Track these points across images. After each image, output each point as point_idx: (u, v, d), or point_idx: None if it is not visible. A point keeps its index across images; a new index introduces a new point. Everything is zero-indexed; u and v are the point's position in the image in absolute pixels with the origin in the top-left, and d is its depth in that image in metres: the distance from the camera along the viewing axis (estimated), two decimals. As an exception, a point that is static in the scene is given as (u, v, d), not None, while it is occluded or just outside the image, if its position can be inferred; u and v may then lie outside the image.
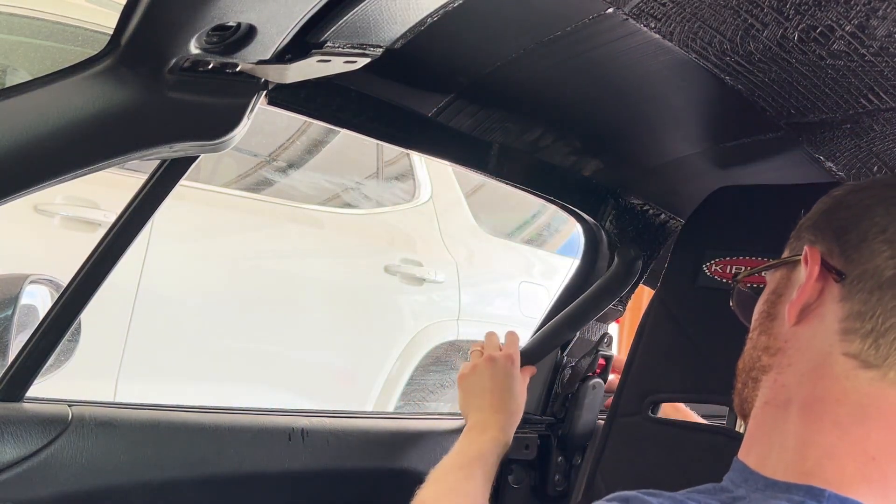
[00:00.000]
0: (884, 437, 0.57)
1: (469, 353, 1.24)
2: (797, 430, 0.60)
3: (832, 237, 0.63)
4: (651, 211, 1.35)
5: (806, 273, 0.62)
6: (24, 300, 1.04)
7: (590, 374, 1.36)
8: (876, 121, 0.95)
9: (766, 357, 0.65)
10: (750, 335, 0.70)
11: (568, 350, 1.40)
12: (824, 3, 0.72)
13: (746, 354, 0.69)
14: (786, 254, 0.70)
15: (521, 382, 1.17)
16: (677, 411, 1.23)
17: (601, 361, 1.37)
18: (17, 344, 1.00)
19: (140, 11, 0.64)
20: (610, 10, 0.78)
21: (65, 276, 1.00)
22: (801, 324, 0.62)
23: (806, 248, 0.64)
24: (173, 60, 0.69)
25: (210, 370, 2.43)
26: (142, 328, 2.27)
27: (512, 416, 1.11)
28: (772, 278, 0.70)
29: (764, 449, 0.62)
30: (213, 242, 2.48)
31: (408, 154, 2.91)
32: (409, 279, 2.85)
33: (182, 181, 0.96)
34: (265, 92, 0.80)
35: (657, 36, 0.81)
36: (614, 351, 1.44)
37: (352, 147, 2.93)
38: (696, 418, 1.23)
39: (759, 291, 0.72)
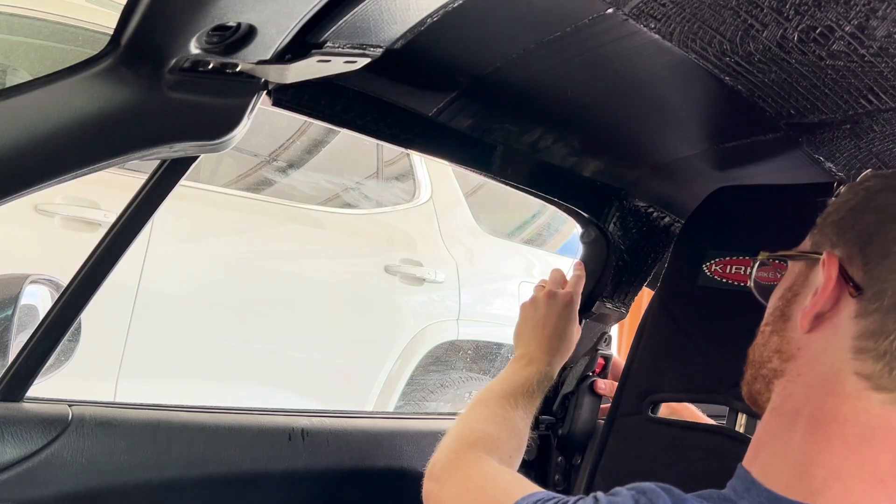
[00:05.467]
0: (893, 461, 0.55)
1: (535, 286, 1.23)
2: (803, 445, 0.58)
3: (854, 243, 0.60)
4: (655, 213, 1.35)
5: (823, 279, 0.60)
6: (24, 300, 1.04)
7: (589, 373, 1.36)
8: (876, 121, 0.95)
9: (778, 360, 0.64)
10: (762, 329, 0.68)
11: None
12: (824, 3, 0.72)
13: (757, 349, 0.68)
14: (807, 244, 0.67)
15: (577, 322, 1.17)
16: (686, 409, 1.22)
17: (600, 361, 1.37)
18: (17, 344, 1.00)
19: (140, 11, 0.64)
20: (610, 11, 0.78)
21: (65, 276, 1.00)
22: (813, 331, 0.61)
23: (825, 254, 0.61)
24: (173, 60, 0.69)
25: (210, 370, 2.43)
26: (142, 328, 2.27)
27: (559, 354, 1.12)
28: (790, 270, 0.68)
29: (769, 458, 0.61)
30: (213, 242, 2.48)
31: (408, 154, 2.91)
32: (409, 279, 2.85)
33: (182, 181, 0.96)
34: (265, 92, 0.80)
35: (657, 36, 0.81)
36: (613, 352, 1.44)
37: (352, 147, 2.93)
38: (703, 417, 1.23)
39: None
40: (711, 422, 1.16)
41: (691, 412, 1.22)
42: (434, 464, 0.86)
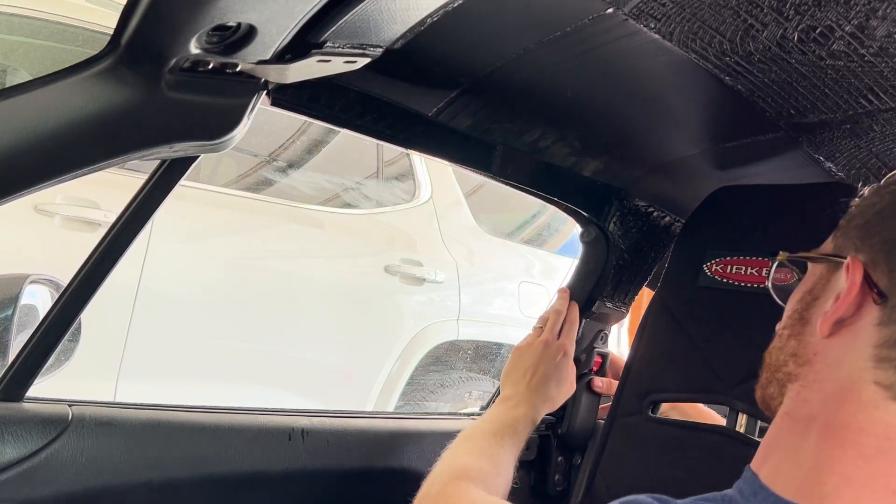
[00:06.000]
0: None
1: (533, 326, 1.25)
2: (816, 452, 0.58)
3: (880, 248, 0.59)
4: (656, 213, 1.35)
5: (846, 285, 0.59)
6: (24, 300, 1.04)
7: (586, 371, 1.36)
8: (876, 121, 0.95)
9: (794, 365, 0.63)
10: (780, 332, 0.67)
11: None
12: (824, 3, 0.72)
13: (774, 352, 0.67)
14: (829, 246, 0.66)
15: (569, 374, 1.18)
16: (693, 408, 1.22)
17: (597, 358, 1.37)
18: (17, 344, 1.00)
19: (140, 11, 0.64)
20: (610, 11, 0.78)
21: (65, 276, 1.00)
22: (833, 337, 0.59)
23: (849, 258, 0.60)
24: (173, 60, 0.69)
25: (210, 370, 2.43)
26: (142, 328, 2.27)
27: (546, 401, 1.13)
28: (810, 273, 0.66)
29: (778, 463, 0.60)
30: (213, 242, 2.48)
31: (408, 154, 2.91)
32: (409, 279, 2.85)
33: (182, 181, 0.96)
34: (265, 92, 0.80)
35: (657, 36, 0.81)
36: (615, 350, 1.44)
37: (352, 147, 2.93)
38: (713, 416, 1.22)
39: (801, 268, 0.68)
40: (719, 419, 1.16)
41: (698, 411, 1.22)
42: (422, 498, 0.87)
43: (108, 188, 2.05)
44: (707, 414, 1.23)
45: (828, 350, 0.60)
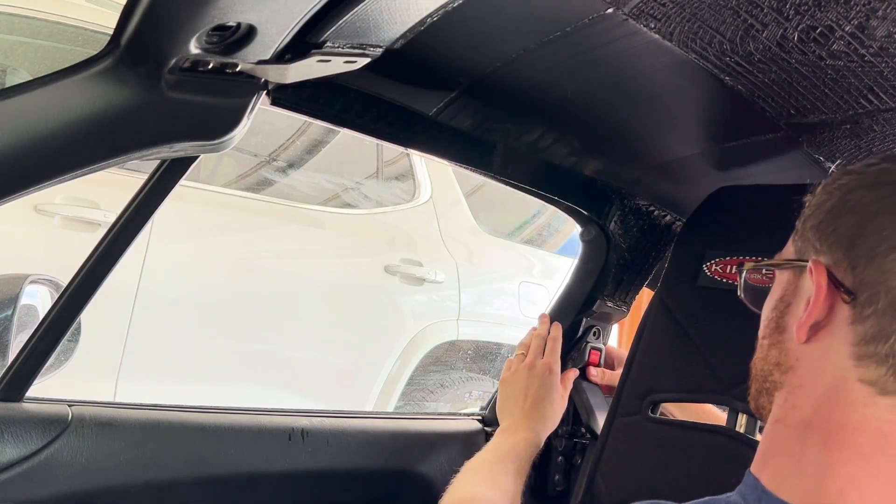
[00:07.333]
0: None
1: (514, 352, 1.27)
2: (817, 459, 0.57)
3: (838, 247, 0.59)
4: (656, 212, 1.35)
5: (813, 289, 0.59)
6: (24, 300, 1.04)
7: (581, 366, 1.36)
8: (876, 121, 0.95)
9: (779, 373, 0.63)
10: (760, 342, 0.67)
11: None
12: (824, 3, 0.72)
13: (758, 363, 0.67)
14: (790, 251, 0.67)
15: (559, 390, 1.21)
16: (703, 408, 1.22)
17: (595, 353, 1.37)
18: (17, 344, 1.00)
19: (140, 11, 0.64)
20: (610, 11, 0.78)
21: (65, 276, 1.00)
22: (811, 341, 0.60)
23: (811, 262, 0.60)
24: (173, 60, 0.69)
25: (210, 370, 2.43)
26: (142, 328, 2.27)
27: (544, 422, 1.15)
28: (779, 279, 0.67)
29: (779, 470, 0.60)
30: (213, 242, 2.48)
31: (408, 154, 2.91)
32: (409, 279, 2.85)
33: (182, 181, 0.96)
34: (265, 92, 0.80)
35: (657, 36, 0.81)
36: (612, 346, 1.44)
37: (352, 147, 2.93)
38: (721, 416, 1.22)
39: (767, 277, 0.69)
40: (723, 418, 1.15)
41: (706, 410, 1.22)
42: None
43: (108, 188, 2.05)
44: (711, 412, 1.23)
45: (808, 354, 0.60)
